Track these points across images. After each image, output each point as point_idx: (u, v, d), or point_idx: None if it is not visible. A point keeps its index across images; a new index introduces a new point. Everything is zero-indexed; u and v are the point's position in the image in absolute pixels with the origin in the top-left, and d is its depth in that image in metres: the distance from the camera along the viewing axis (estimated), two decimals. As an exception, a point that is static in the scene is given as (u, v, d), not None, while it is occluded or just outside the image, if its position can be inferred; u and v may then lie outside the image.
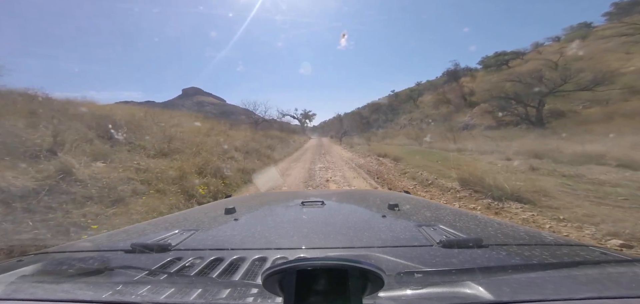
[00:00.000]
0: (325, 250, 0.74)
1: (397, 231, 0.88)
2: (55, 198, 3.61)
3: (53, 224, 3.17)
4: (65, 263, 0.69)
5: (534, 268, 0.60)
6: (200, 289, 0.53)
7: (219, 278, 0.59)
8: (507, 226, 0.93)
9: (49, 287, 0.56)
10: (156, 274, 0.61)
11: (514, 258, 0.66)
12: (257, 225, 1.03)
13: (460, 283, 0.51)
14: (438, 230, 0.85)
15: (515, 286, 0.50)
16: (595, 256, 0.66)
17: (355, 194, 1.89)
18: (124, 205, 4.03)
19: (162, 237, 0.84)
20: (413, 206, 1.30)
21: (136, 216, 3.76)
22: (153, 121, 10.11)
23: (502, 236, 0.82)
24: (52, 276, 0.64)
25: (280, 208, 1.32)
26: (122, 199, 4.15)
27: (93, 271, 0.63)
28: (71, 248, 0.85)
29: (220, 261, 0.67)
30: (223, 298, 0.49)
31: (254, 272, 0.62)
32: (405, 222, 0.98)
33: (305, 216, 1.10)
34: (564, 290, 0.48)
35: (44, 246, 2.44)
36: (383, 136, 27.24)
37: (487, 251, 0.69)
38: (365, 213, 1.22)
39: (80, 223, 3.29)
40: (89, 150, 5.37)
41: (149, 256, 0.71)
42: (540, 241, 0.78)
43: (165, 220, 1.20)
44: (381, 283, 0.41)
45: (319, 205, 1.27)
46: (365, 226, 0.95)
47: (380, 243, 0.78)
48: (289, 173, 8.84)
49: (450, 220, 0.99)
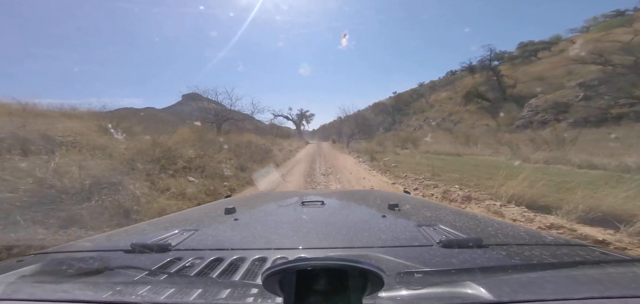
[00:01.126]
0: (325, 250, 0.74)
1: (397, 231, 0.87)
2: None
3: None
4: (65, 263, 0.69)
5: (534, 268, 0.60)
6: (200, 289, 0.53)
7: (219, 278, 0.59)
8: (507, 226, 0.93)
9: (49, 287, 0.56)
10: (156, 274, 0.61)
11: (514, 258, 0.66)
12: (257, 225, 1.03)
13: (460, 283, 0.51)
14: (438, 229, 0.85)
15: (515, 286, 0.50)
16: (595, 256, 0.66)
17: (355, 194, 1.89)
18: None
19: (162, 237, 0.84)
20: (413, 206, 1.30)
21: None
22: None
23: (502, 236, 0.82)
24: (52, 276, 0.64)
25: (280, 208, 1.32)
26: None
27: (93, 271, 0.63)
28: (71, 248, 0.85)
29: (220, 261, 0.67)
30: (223, 298, 0.49)
31: (254, 272, 0.62)
32: (405, 222, 0.98)
33: (305, 216, 1.10)
34: (564, 290, 0.48)
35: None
36: (403, 140, 20.32)
37: (487, 251, 0.69)
38: (365, 213, 1.22)
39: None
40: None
41: (149, 256, 0.71)
42: (540, 241, 0.78)
43: (165, 220, 1.20)
44: (381, 283, 0.41)
45: (319, 205, 1.27)
46: (365, 226, 0.95)
47: (380, 243, 0.78)
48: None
49: (450, 220, 0.99)
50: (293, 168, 10.34)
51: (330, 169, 9.83)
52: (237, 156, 9.69)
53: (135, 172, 5.20)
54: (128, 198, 4.01)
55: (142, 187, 4.65)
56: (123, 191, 4.14)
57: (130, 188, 4.31)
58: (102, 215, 3.48)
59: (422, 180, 6.93)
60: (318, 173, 8.85)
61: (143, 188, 4.62)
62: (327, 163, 11.99)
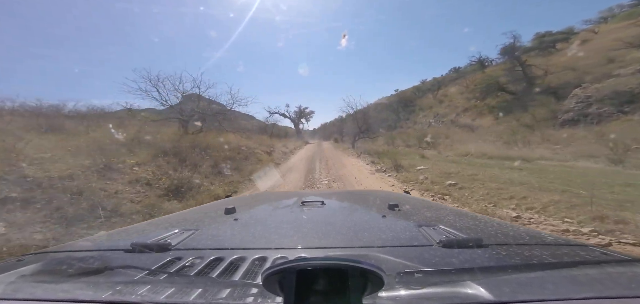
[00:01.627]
0: (325, 250, 0.74)
1: (397, 231, 0.88)
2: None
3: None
4: (65, 263, 0.69)
5: (534, 268, 0.60)
6: (200, 289, 0.53)
7: (219, 278, 0.59)
8: (507, 226, 0.93)
9: (49, 287, 0.56)
10: (156, 274, 0.61)
11: (514, 258, 0.66)
12: (257, 225, 1.03)
13: (460, 283, 0.51)
14: (438, 229, 0.85)
15: (515, 286, 0.50)
16: (595, 256, 0.66)
17: (355, 194, 1.89)
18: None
19: (162, 237, 0.84)
20: (413, 206, 1.30)
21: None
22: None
23: (502, 236, 0.82)
24: (52, 276, 0.64)
25: (280, 208, 1.32)
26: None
27: (93, 271, 0.63)
28: (71, 247, 0.85)
29: (220, 261, 0.67)
30: (223, 298, 0.49)
31: (254, 272, 0.62)
32: (405, 222, 0.98)
33: (305, 216, 1.10)
34: (564, 290, 0.48)
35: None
36: (418, 139, 17.08)
37: (487, 251, 0.69)
38: (365, 213, 1.22)
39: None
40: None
41: (149, 256, 0.71)
42: (541, 241, 0.78)
43: (165, 219, 1.20)
44: (381, 283, 0.41)
45: (319, 205, 1.27)
46: (365, 226, 0.95)
47: (380, 243, 0.78)
48: None
49: (450, 220, 0.99)
50: (276, 184, 7.05)
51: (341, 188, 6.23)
52: (195, 165, 7.12)
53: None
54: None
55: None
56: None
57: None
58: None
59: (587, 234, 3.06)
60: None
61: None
62: (331, 172, 8.57)
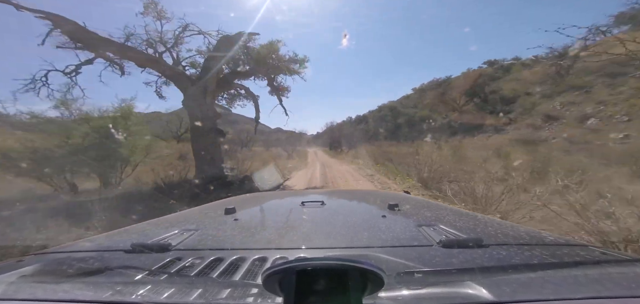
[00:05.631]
0: (325, 250, 0.74)
1: (397, 231, 0.87)
2: None
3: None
4: (65, 263, 0.69)
5: (534, 268, 0.60)
6: (200, 289, 0.53)
7: (219, 278, 0.59)
8: (507, 226, 0.93)
9: (49, 287, 0.56)
10: (156, 274, 0.61)
11: (514, 258, 0.66)
12: (257, 225, 1.03)
13: (460, 283, 0.51)
14: (438, 229, 0.85)
15: (515, 286, 0.50)
16: (595, 256, 0.66)
17: (355, 194, 1.89)
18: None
19: (162, 237, 0.84)
20: (413, 206, 1.30)
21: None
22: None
23: (502, 236, 0.82)
24: (52, 276, 0.64)
25: (281, 208, 1.32)
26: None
27: (93, 271, 0.63)
28: (71, 248, 0.85)
29: (220, 261, 0.67)
30: (223, 298, 0.49)
31: (254, 272, 0.62)
32: (405, 222, 0.98)
33: (305, 216, 1.10)
34: (564, 290, 0.48)
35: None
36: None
37: (487, 251, 0.69)
38: (365, 213, 1.22)
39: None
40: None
41: (149, 256, 0.71)
42: (541, 241, 0.78)
43: (165, 220, 1.20)
44: (381, 283, 0.41)
45: (319, 205, 1.27)
46: (365, 226, 0.95)
47: (380, 243, 0.78)
48: None
49: (450, 220, 0.99)
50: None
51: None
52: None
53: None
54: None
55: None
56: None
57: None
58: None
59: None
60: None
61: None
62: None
